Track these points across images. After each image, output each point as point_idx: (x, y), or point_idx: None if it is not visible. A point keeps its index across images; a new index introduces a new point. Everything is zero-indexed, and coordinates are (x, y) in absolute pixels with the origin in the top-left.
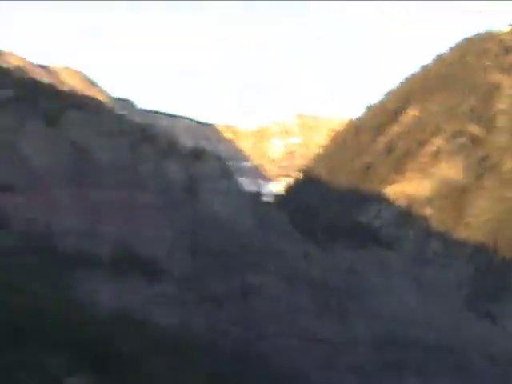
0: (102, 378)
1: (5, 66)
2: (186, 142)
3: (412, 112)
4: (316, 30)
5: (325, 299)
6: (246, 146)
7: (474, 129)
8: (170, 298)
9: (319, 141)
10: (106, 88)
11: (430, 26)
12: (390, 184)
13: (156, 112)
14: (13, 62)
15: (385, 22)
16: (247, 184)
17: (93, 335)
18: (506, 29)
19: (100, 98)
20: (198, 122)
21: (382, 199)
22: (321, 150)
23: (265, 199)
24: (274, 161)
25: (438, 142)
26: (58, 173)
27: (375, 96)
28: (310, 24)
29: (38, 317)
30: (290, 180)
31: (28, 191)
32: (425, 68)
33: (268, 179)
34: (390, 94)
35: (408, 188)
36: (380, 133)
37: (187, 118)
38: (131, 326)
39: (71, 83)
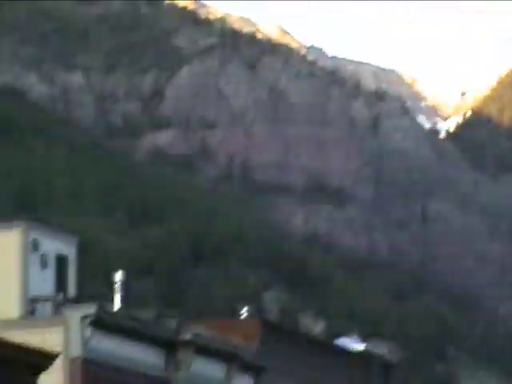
0: (294, 292)
1: (209, 17)
2: (370, 85)
3: None
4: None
5: (495, 224)
6: (423, 85)
7: None
8: (355, 223)
9: (488, 82)
10: (298, 36)
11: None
12: None
13: (344, 58)
14: (216, 14)
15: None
16: (424, 121)
17: (287, 254)
18: None
19: (294, 45)
20: (381, 68)
21: None
22: (490, 92)
23: (440, 135)
24: (447, 101)
25: None
26: (256, 111)
27: None
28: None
29: (240, 238)
30: (463, 118)
31: (229, 128)
32: None
33: (443, 117)
34: None
35: None
36: None
37: (371, 64)
38: (321, 247)
39: (267, 32)
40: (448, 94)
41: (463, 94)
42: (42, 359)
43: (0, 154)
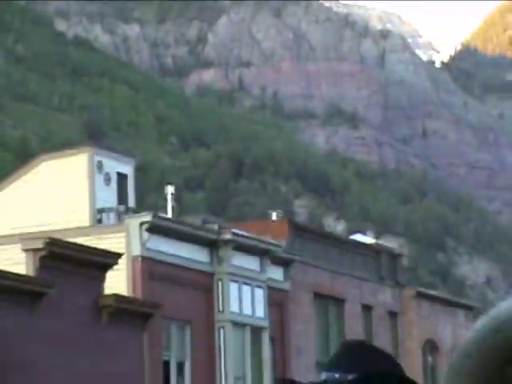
0: (319, 200)
1: None
2: (376, 26)
3: None
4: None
5: (482, 137)
6: (421, 25)
7: None
8: (367, 141)
9: (474, 21)
10: None
11: None
12: None
13: (354, 5)
14: None
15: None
16: (422, 55)
17: (312, 169)
18: None
19: None
20: (385, 11)
21: None
22: (476, 29)
23: (435, 65)
24: (441, 36)
25: None
26: (283, 52)
27: None
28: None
29: (273, 157)
30: (454, 51)
31: (261, 66)
32: None
33: (437, 51)
34: None
35: None
36: None
37: (377, 9)
38: (339, 162)
39: None
40: (441, 31)
41: (454, 30)
42: (108, 258)
43: (73, 93)
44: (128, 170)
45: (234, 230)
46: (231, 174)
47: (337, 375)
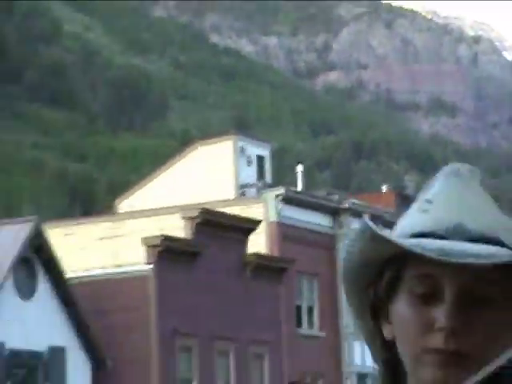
0: (424, 175)
1: None
2: (470, 32)
3: None
4: None
5: None
6: (507, 30)
7: None
8: (464, 127)
9: None
10: (420, 3)
11: None
12: None
13: (452, 16)
14: None
15: None
16: (507, 55)
17: (419, 150)
18: None
19: (417, 9)
20: (477, 21)
21: None
22: None
23: None
24: None
25: None
26: (393, 55)
27: None
28: None
29: (387, 141)
30: None
31: (376, 67)
32: None
33: None
34: None
35: None
36: None
37: (470, 19)
38: (441, 144)
39: (399, 1)
40: None
41: None
42: (250, 224)
43: (225, 93)
44: (265, 153)
45: (352, 200)
46: (352, 156)
47: None
